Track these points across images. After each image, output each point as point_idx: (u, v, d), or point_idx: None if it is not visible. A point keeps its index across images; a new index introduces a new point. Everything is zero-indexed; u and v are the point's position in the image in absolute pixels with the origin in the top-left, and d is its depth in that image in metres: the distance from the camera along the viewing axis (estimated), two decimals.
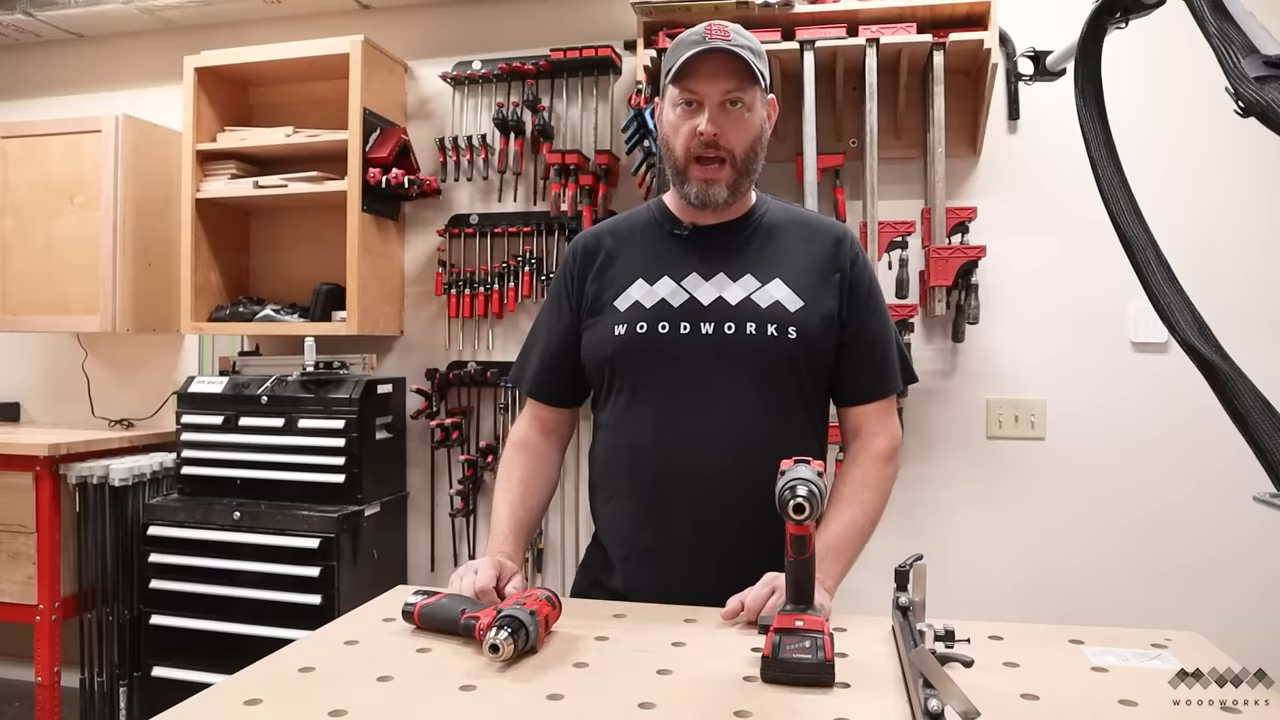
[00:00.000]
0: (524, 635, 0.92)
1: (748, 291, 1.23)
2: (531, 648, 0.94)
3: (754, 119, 1.21)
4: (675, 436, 1.22)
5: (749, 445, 1.20)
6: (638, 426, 1.25)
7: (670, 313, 1.23)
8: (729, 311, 1.22)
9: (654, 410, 1.24)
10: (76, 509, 2.58)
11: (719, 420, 1.21)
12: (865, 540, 1.26)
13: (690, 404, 1.22)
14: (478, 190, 2.74)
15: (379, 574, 2.52)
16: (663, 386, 1.23)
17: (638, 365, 1.25)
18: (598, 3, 2.65)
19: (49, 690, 2.55)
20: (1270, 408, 0.75)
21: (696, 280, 1.24)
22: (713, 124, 1.18)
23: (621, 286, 1.28)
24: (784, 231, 1.28)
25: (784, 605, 0.92)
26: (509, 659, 0.90)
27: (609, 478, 1.31)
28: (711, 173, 1.21)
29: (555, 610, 1.02)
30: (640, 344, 1.23)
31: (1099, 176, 0.92)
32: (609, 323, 1.27)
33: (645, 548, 1.26)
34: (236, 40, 2.79)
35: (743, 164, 1.22)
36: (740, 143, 1.21)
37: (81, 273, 2.72)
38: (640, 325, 1.24)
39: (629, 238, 1.33)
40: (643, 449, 1.24)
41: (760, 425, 1.21)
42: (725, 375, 1.21)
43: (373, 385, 2.51)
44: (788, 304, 1.22)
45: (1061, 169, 2.31)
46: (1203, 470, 2.24)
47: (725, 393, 1.21)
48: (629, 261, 1.30)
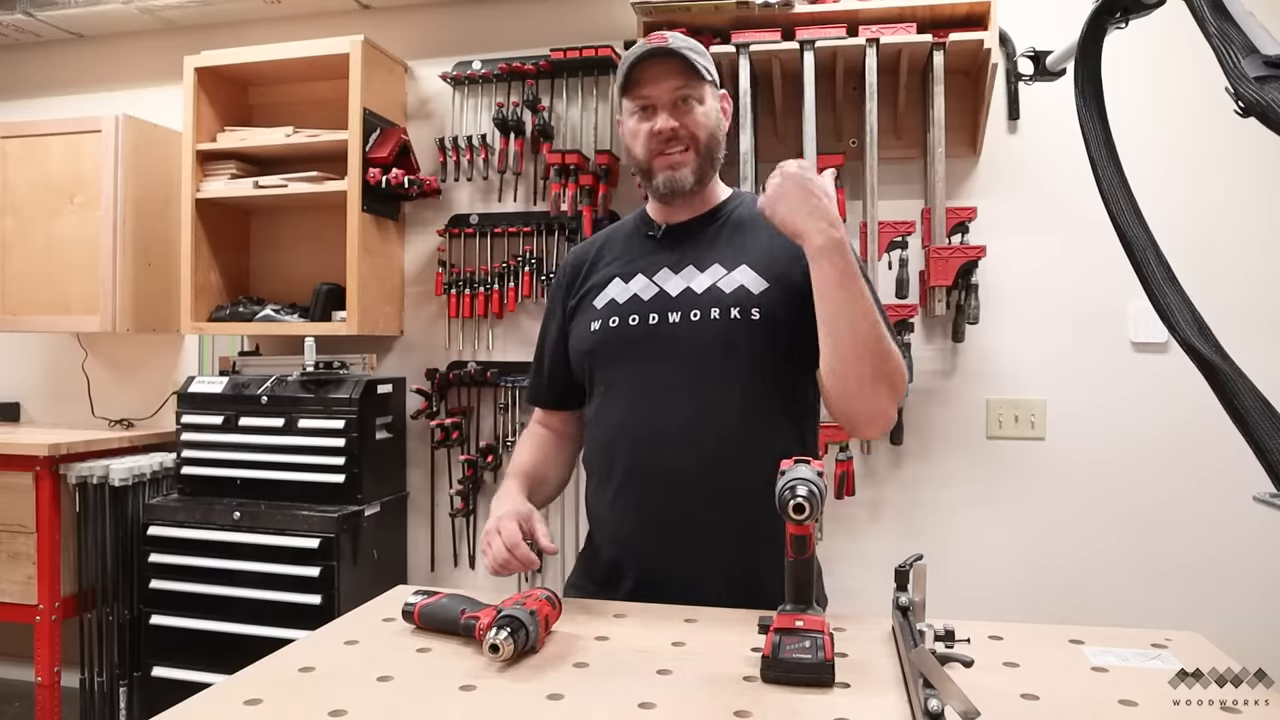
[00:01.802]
0: (524, 635, 0.92)
1: (714, 279, 1.25)
2: (531, 648, 0.94)
3: (708, 111, 1.27)
4: (644, 424, 1.24)
5: (719, 429, 1.21)
6: (611, 418, 1.28)
7: (640, 306, 1.27)
8: (694, 300, 1.24)
9: (626, 401, 1.27)
10: (76, 509, 2.58)
11: (686, 407, 1.22)
12: (879, 331, 1.13)
13: (658, 393, 1.24)
14: (478, 190, 2.74)
15: (379, 574, 2.52)
16: (633, 378, 1.26)
17: (611, 359, 1.29)
18: (598, 3, 2.65)
19: (49, 690, 2.55)
20: (1270, 408, 0.75)
21: (667, 274, 1.28)
22: (668, 120, 1.24)
23: (601, 288, 1.33)
24: (756, 222, 1.28)
25: (784, 605, 0.92)
26: (509, 659, 0.90)
27: (592, 469, 1.35)
28: (675, 158, 1.26)
29: (555, 610, 1.02)
30: (613, 338, 1.27)
31: (1099, 176, 0.92)
32: (587, 321, 1.31)
33: (625, 534, 1.28)
34: (236, 40, 2.79)
35: (705, 149, 1.27)
36: (700, 130, 1.26)
37: (81, 273, 2.72)
38: (613, 320, 1.28)
39: (612, 245, 1.38)
40: (616, 439, 1.27)
41: (729, 410, 1.21)
42: (692, 362, 1.23)
43: (373, 385, 2.51)
44: (752, 287, 1.23)
45: (1061, 169, 2.31)
46: (1202, 470, 2.24)
47: (692, 380, 1.22)
48: (609, 265, 1.35)
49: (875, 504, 2.45)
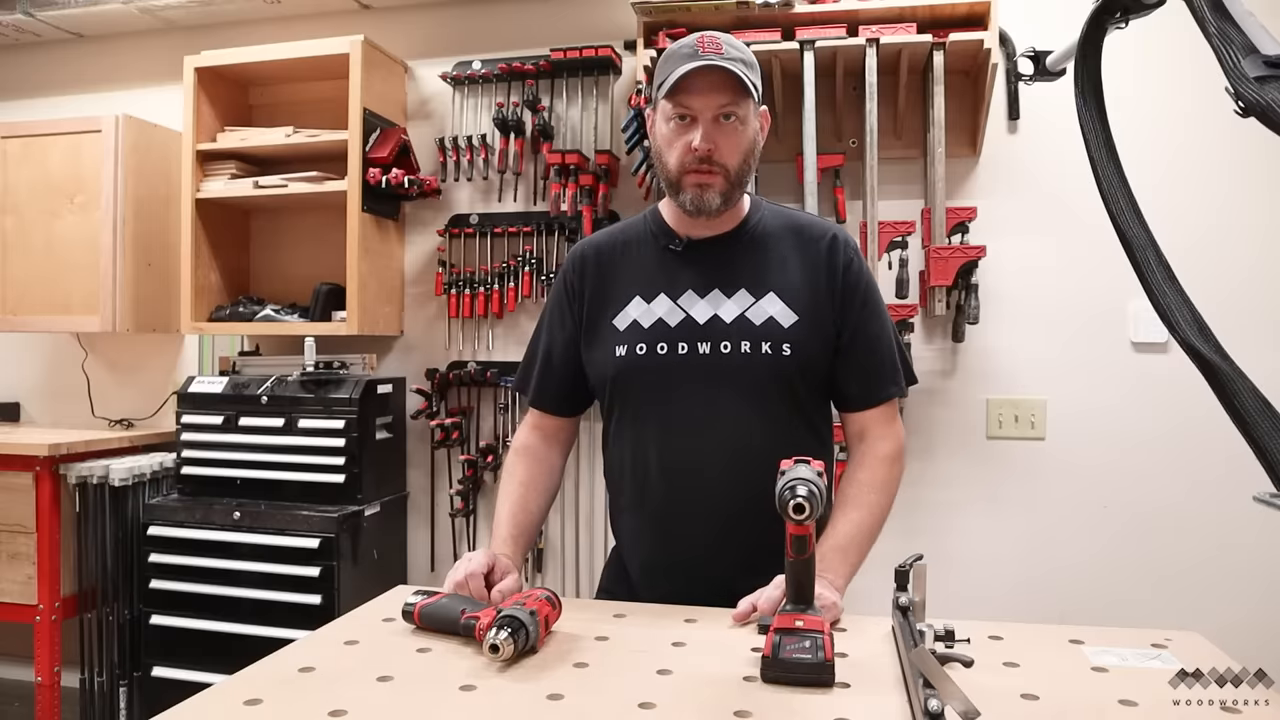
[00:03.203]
0: (524, 635, 0.92)
1: (742, 308, 1.24)
2: (531, 648, 0.94)
3: (747, 132, 1.21)
4: (676, 455, 1.24)
5: (749, 461, 1.21)
6: (641, 445, 1.28)
7: (668, 333, 1.25)
8: (724, 330, 1.23)
9: (656, 430, 1.26)
10: (76, 509, 2.58)
11: (718, 439, 1.22)
12: (872, 540, 1.25)
13: (690, 423, 1.24)
14: (478, 190, 2.74)
15: (379, 574, 2.52)
16: (663, 406, 1.25)
17: (639, 386, 1.27)
18: (598, 3, 2.65)
19: (49, 690, 2.55)
20: (1270, 408, 0.75)
21: (692, 298, 1.26)
22: (707, 140, 1.18)
23: (620, 304, 1.29)
24: (778, 240, 1.28)
25: (784, 605, 0.92)
26: (509, 659, 0.90)
27: (619, 491, 1.34)
28: (705, 179, 1.21)
29: (555, 610, 1.02)
30: (640, 366, 1.25)
31: (1099, 176, 0.92)
32: (610, 343, 1.28)
33: (655, 560, 1.29)
34: (236, 40, 2.79)
35: (736, 176, 1.22)
36: (734, 156, 1.21)
37: (81, 273, 2.71)
38: (640, 346, 1.25)
39: (626, 250, 1.34)
40: (647, 467, 1.27)
41: (759, 441, 1.22)
42: (723, 394, 1.23)
43: (373, 385, 2.51)
44: (781, 319, 1.23)
45: (1061, 169, 2.31)
46: (1202, 470, 2.24)
47: (724, 411, 1.23)
48: (627, 277, 1.31)
49: None
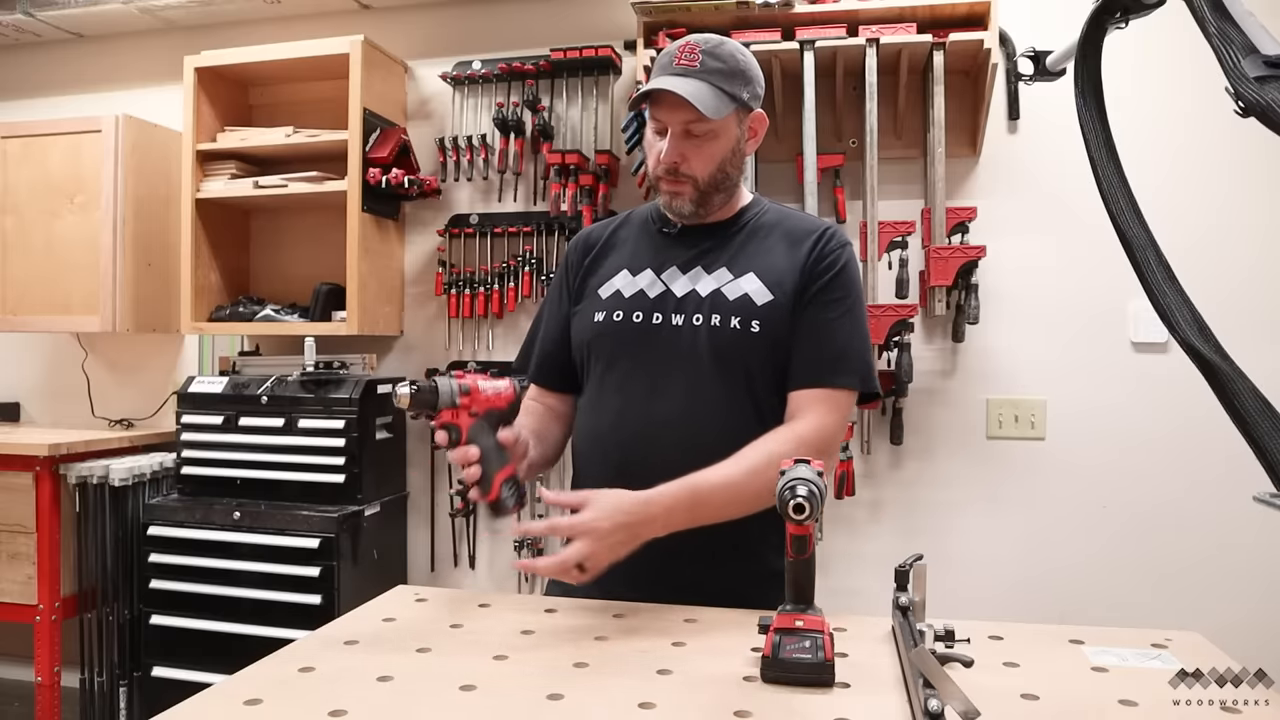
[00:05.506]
0: (432, 392, 1.05)
1: (719, 284, 1.25)
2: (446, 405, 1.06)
3: (718, 144, 1.22)
4: (633, 424, 1.24)
5: (702, 437, 1.20)
6: (602, 413, 1.28)
7: (645, 303, 1.26)
8: (698, 303, 1.24)
9: (618, 398, 1.27)
10: (76, 509, 2.58)
11: (675, 411, 1.22)
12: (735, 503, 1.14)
13: (651, 394, 1.24)
14: (478, 190, 2.74)
15: (379, 574, 2.52)
16: (629, 375, 1.26)
17: (610, 352, 1.28)
18: (598, 3, 2.65)
19: (49, 690, 2.55)
20: (1270, 408, 0.75)
21: (675, 273, 1.28)
22: (673, 153, 1.21)
23: (608, 276, 1.32)
24: (770, 231, 1.29)
25: (784, 605, 0.92)
26: (412, 412, 1.05)
27: (581, 458, 1.35)
28: (674, 188, 1.24)
29: (499, 397, 1.11)
30: (614, 331, 1.27)
31: (1099, 176, 0.92)
32: (590, 309, 1.31)
33: None
34: (236, 40, 2.79)
35: (707, 185, 1.24)
36: (702, 168, 1.22)
37: (81, 273, 2.72)
38: (617, 313, 1.27)
39: (626, 233, 1.37)
40: (604, 436, 1.27)
41: (715, 419, 1.21)
42: (687, 367, 1.23)
43: (373, 385, 2.51)
44: (756, 297, 1.23)
45: (1061, 169, 2.31)
46: (1202, 470, 2.24)
47: (685, 385, 1.22)
48: (620, 254, 1.34)
49: (875, 504, 2.45)
